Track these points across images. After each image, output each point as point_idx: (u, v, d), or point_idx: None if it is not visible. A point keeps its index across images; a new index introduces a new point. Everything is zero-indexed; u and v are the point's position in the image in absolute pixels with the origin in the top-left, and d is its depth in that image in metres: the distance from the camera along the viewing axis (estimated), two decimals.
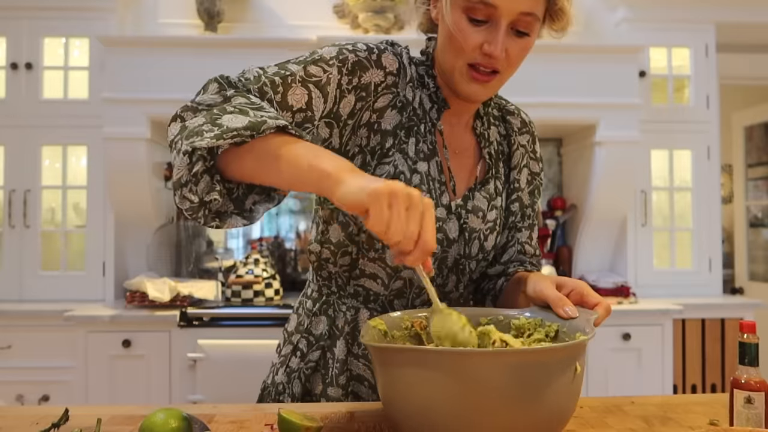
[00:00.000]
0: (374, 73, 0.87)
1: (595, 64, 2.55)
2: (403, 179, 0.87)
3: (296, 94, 0.81)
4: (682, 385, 2.54)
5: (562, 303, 0.78)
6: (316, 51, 0.87)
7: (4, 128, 2.58)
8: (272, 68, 0.83)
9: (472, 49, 0.83)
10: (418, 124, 0.91)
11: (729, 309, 2.59)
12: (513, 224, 1.03)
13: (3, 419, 0.80)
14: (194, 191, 0.71)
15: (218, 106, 0.73)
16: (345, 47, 0.86)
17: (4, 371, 2.33)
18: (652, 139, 2.76)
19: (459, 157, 0.96)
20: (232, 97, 0.75)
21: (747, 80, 3.30)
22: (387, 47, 0.90)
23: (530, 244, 1.06)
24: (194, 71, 2.44)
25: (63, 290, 2.57)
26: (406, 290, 0.93)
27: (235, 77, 0.81)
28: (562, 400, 0.63)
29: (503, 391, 0.59)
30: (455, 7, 0.82)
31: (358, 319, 0.93)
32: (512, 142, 1.02)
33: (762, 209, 4.01)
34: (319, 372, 0.94)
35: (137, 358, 2.25)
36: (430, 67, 0.93)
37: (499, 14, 0.80)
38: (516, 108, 1.06)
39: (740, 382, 0.72)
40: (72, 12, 2.58)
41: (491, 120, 1.01)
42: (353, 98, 0.86)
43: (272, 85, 0.80)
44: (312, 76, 0.83)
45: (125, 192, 2.53)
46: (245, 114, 0.71)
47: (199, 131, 0.69)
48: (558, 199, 2.95)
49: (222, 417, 0.81)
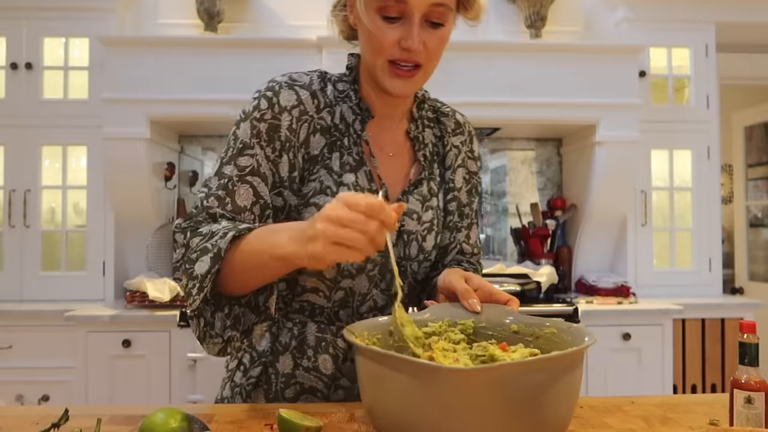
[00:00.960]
0: (284, 120, 0.89)
1: (595, 64, 2.55)
2: (330, 193, 0.90)
3: (242, 195, 0.87)
4: (682, 385, 2.54)
5: (468, 295, 0.85)
6: (236, 133, 0.90)
7: (4, 128, 2.58)
8: (213, 181, 0.88)
9: (390, 46, 0.85)
10: (341, 139, 0.93)
11: (729, 309, 2.59)
12: (453, 225, 1.06)
13: (3, 419, 0.80)
14: (214, 334, 0.82)
15: (186, 257, 0.82)
16: (253, 117, 0.89)
17: (4, 371, 2.33)
18: (652, 139, 2.76)
19: (393, 160, 0.98)
20: (189, 242, 0.83)
21: (747, 80, 3.30)
22: (282, 86, 0.91)
23: (468, 243, 1.09)
24: (194, 71, 2.45)
25: (63, 290, 2.57)
26: (349, 299, 0.94)
27: (194, 212, 0.87)
28: (559, 410, 0.63)
29: (499, 407, 0.58)
30: (369, 8, 0.85)
31: (306, 332, 0.95)
32: (446, 143, 1.04)
33: (762, 209, 4.01)
34: (261, 387, 0.95)
35: (137, 358, 2.25)
36: (352, 81, 0.96)
37: (410, 9, 0.83)
38: (451, 110, 1.08)
39: (740, 382, 0.72)
40: (72, 12, 2.58)
41: (425, 122, 1.03)
42: (285, 157, 0.90)
43: (220, 201, 0.86)
44: (244, 168, 0.88)
45: (125, 192, 2.53)
46: (205, 252, 0.79)
47: (188, 292, 0.80)
48: (558, 199, 2.95)
49: (222, 417, 0.81)
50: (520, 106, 2.54)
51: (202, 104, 2.44)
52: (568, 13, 2.88)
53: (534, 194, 3.08)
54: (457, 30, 0.93)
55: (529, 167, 3.09)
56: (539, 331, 0.80)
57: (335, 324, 0.95)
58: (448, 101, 1.08)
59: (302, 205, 0.90)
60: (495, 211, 3.10)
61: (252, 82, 2.36)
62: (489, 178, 3.11)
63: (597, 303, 2.47)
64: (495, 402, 0.58)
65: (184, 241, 0.84)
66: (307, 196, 0.90)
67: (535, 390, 0.59)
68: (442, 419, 0.58)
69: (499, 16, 2.84)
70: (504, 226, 3.08)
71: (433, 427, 0.59)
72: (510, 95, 2.53)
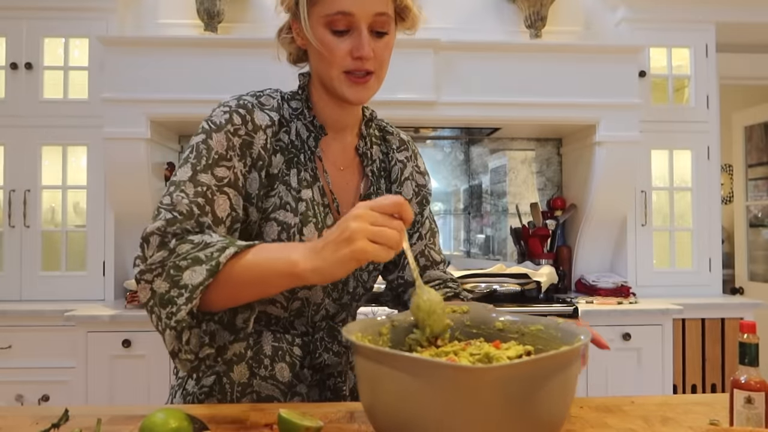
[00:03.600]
0: (258, 138, 0.92)
1: (595, 64, 2.55)
2: (290, 208, 0.93)
3: (220, 205, 0.87)
4: (682, 385, 2.54)
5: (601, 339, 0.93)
6: (208, 143, 0.88)
7: (4, 128, 2.58)
8: (189, 187, 0.85)
9: (342, 58, 0.90)
10: (298, 155, 0.96)
11: (729, 309, 2.58)
12: None
13: (3, 419, 0.80)
14: (188, 351, 0.78)
15: (170, 262, 0.78)
16: (227, 130, 0.89)
17: (4, 371, 2.33)
18: (652, 139, 2.76)
19: (344, 174, 1.02)
20: (176, 248, 0.79)
21: (747, 80, 3.30)
22: (255, 106, 0.93)
23: (434, 250, 1.15)
24: (194, 71, 2.44)
25: (63, 290, 2.57)
26: (305, 309, 0.97)
27: (168, 215, 0.82)
28: (553, 408, 0.63)
29: (502, 405, 0.59)
30: (317, 26, 0.90)
31: (262, 342, 0.97)
32: (391, 159, 1.09)
33: (762, 209, 4.01)
34: (214, 397, 0.96)
35: (137, 358, 2.25)
36: (305, 99, 0.99)
37: (357, 20, 0.88)
38: (395, 129, 1.13)
39: (740, 382, 0.72)
40: (72, 12, 2.58)
41: (373, 140, 1.07)
42: (255, 174, 0.92)
43: (201, 209, 0.84)
44: (222, 179, 0.88)
45: (125, 192, 2.53)
46: (198, 262, 0.76)
47: (170, 299, 0.76)
48: (558, 199, 2.95)
49: (222, 417, 0.81)
50: (520, 106, 2.54)
51: (202, 104, 2.44)
52: (568, 13, 2.88)
53: (534, 194, 3.08)
54: (457, 30, 0.95)
55: (529, 167, 3.09)
56: (524, 329, 0.81)
57: (290, 332, 0.98)
58: (448, 101, 1.09)
59: (263, 219, 0.92)
60: (495, 211, 3.10)
61: (252, 82, 2.35)
62: (489, 178, 3.11)
63: (597, 303, 2.47)
64: (499, 399, 0.58)
65: (170, 246, 0.80)
66: (267, 211, 0.92)
67: (538, 386, 0.60)
68: (445, 417, 0.58)
69: (499, 16, 2.84)
70: (504, 226, 3.08)
71: (436, 426, 0.59)
72: (510, 95, 2.53)
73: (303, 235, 0.92)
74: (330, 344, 0.99)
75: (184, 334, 0.78)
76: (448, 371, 0.58)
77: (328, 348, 0.98)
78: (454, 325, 0.84)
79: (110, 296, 2.57)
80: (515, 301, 2.41)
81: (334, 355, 0.98)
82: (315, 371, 0.98)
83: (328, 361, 0.98)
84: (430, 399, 0.59)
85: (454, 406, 0.58)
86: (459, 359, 0.72)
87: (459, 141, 3.10)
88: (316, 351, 0.98)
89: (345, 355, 1.01)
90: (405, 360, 0.62)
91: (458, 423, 0.58)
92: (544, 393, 0.60)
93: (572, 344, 0.67)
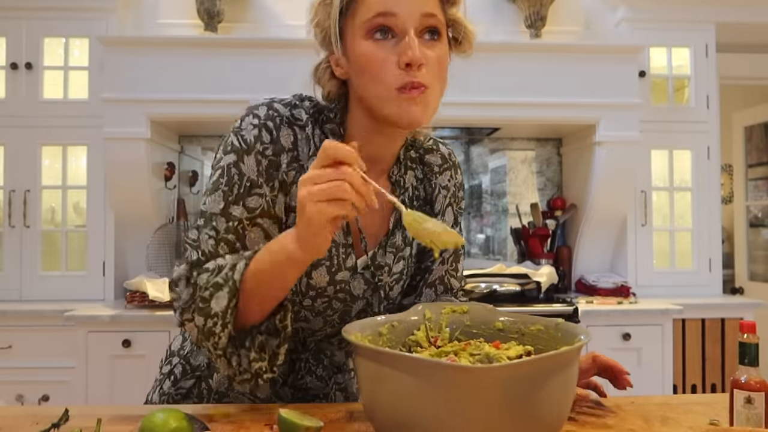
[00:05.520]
0: (283, 160, 0.84)
1: (595, 64, 2.55)
2: None
3: (252, 239, 0.83)
4: (682, 385, 2.54)
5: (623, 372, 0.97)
6: (240, 168, 0.82)
7: (4, 128, 2.58)
8: (220, 222, 0.82)
9: (390, 69, 0.78)
10: None
11: (729, 309, 2.58)
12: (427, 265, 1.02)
13: (3, 419, 0.80)
14: (242, 371, 0.79)
15: (197, 296, 0.79)
16: (257, 151, 0.83)
17: (4, 371, 2.32)
18: (652, 139, 2.76)
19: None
20: (197, 281, 0.79)
21: (747, 80, 3.30)
22: (283, 122, 0.85)
23: (455, 276, 1.03)
24: (194, 71, 2.44)
25: (63, 290, 2.57)
26: (299, 334, 0.94)
27: (193, 255, 0.82)
28: (553, 408, 0.63)
29: (503, 404, 0.59)
30: (357, 38, 0.80)
31: None
32: (433, 186, 0.99)
33: (762, 209, 4.01)
34: (191, 399, 0.95)
35: (137, 358, 2.24)
36: (339, 124, 0.88)
37: (402, 22, 0.78)
38: (434, 141, 1.01)
39: (740, 382, 0.72)
40: (72, 12, 2.58)
41: (408, 164, 0.97)
42: (281, 197, 0.85)
43: (230, 245, 0.82)
44: (254, 210, 0.83)
45: (125, 192, 2.53)
46: (218, 287, 0.77)
47: (209, 331, 0.77)
48: (558, 199, 2.95)
49: (222, 417, 0.81)
50: (520, 106, 2.54)
51: (202, 104, 2.44)
52: (568, 13, 2.88)
53: (534, 194, 3.08)
54: None
55: (529, 167, 3.09)
56: (525, 329, 0.81)
57: None
58: (447, 101, 1.02)
59: None
60: (495, 211, 3.10)
61: (252, 82, 2.35)
62: (489, 178, 3.11)
63: (597, 303, 2.47)
64: (499, 400, 0.58)
65: (193, 282, 0.80)
66: None
67: (538, 386, 0.60)
68: (445, 417, 0.58)
69: (499, 16, 2.84)
70: (504, 226, 3.08)
71: (437, 426, 0.59)
72: (510, 95, 2.53)
73: (311, 279, 0.87)
74: (314, 367, 0.96)
75: (233, 359, 0.79)
76: (448, 371, 0.58)
77: (312, 371, 0.96)
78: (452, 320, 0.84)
79: (110, 296, 2.57)
80: (515, 301, 2.41)
81: (316, 379, 0.96)
82: (296, 390, 0.95)
83: (310, 384, 0.95)
84: (430, 399, 0.59)
85: (455, 406, 0.58)
86: (459, 359, 0.72)
87: (459, 141, 3.10)
88: (299, 372, 0.95)
89: (331, 379, 0.97)
90: (405, 360, 0.62)
91: (458, 423, 0.58)
92: (544, 393, 0.60)
93: (572, 344, 0.67)
